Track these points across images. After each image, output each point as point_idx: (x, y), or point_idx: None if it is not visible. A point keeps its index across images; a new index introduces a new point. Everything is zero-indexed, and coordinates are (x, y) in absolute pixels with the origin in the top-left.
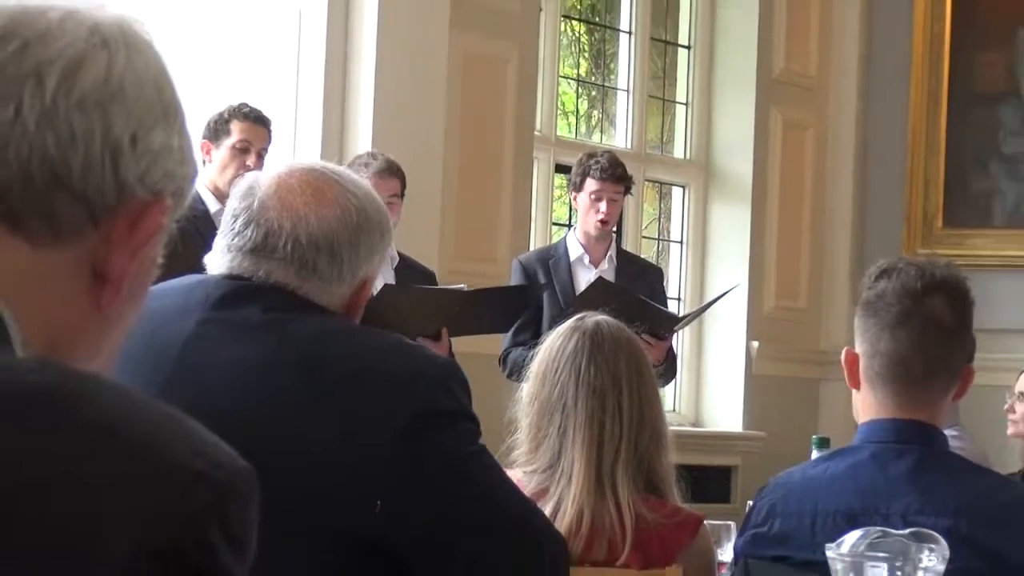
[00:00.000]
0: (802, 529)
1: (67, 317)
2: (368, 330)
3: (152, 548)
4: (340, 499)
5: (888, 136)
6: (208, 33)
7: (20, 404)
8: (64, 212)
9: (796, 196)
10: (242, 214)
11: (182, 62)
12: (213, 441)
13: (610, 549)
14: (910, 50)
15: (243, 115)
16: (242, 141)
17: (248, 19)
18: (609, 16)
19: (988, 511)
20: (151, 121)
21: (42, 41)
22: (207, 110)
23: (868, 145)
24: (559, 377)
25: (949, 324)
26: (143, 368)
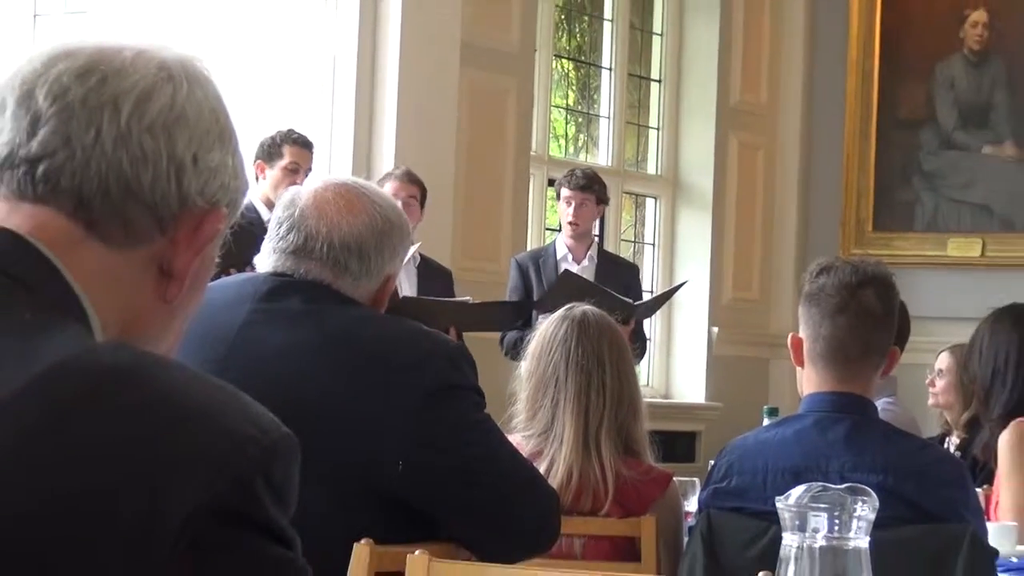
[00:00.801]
0: (755, 484)
1: (138, 307)
2: (392, 318)
3: (208, 500)
4: (369, 459)
5: (827, 155)
6: (259, 72)
7: (99, 380)
8: (136, 219)
9: (749, 206)
10: (285, 221)
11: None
12: (260, 410)
13: (595, 501)
14: (845, 83)
15: (293, 140)
16: (292, 163)
17: (292, 62)
18: (593, 55)
19: (909, 469)
20: (209, 143)
21: (118, 76)
22: (259, 134)
23: (810, 163)
24: (552, 357)
25: (879, 312)
26: (202, 350)
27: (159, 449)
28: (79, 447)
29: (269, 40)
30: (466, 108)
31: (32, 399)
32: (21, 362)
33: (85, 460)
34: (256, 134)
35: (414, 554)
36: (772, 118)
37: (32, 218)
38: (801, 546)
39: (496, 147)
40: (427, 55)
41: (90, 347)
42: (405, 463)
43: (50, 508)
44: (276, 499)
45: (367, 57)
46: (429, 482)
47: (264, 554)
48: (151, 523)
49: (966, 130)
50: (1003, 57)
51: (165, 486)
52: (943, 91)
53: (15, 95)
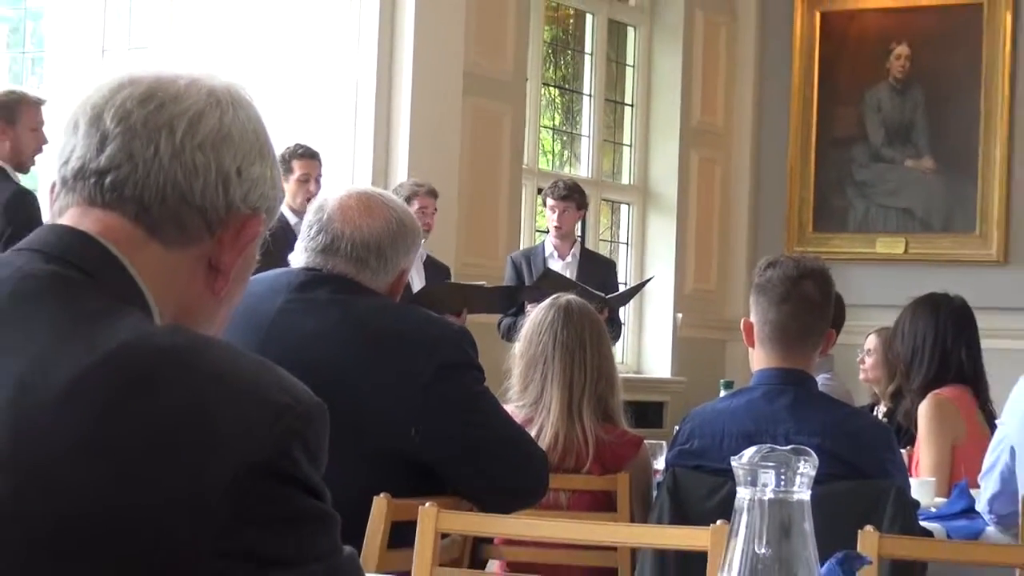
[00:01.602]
0: (714, 446)
1: (190, 298)
2: (406, 306)
3: (251, 460)
4: (387, 425)
5: (773, 168)
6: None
7: (160, 358)
8: (189, 223)
9: (708, 211)
10: (315, 224)
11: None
12: (295, 382)
13: (577, 461)
14: (789, 106)
15: (299, 155)
16: (303, 174)
17: (321, 87)
18: (575, 83)
19: (844, 433)
20: (251, 158)
21: (174, 101)
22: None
23: (759, 175)
24: (541, 339)
25: (817, 301)
26: (244, 333)
27: (211, 416)
28: (143, 416)
29: (301, 69)
30: (468, 129)
31: (102, 375)
32: (92, 343)
33: (149, 427)
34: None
35: (424, 506)
36: (727, 137)
37: (101, 222)
38: (753, 498)
39: (493, 161)
40: (435, 83)
41: (151, 330)
42: (417, 429)
43: (121, 468)
44: (310, 458)
45: (384, 84)
46: (437, 445)
47: (300, 505)
48: (205, 478)
49: (891, 146)
50: (922, 84)
51: (216, 448)
52: (872, 113)
53: (86, 117)
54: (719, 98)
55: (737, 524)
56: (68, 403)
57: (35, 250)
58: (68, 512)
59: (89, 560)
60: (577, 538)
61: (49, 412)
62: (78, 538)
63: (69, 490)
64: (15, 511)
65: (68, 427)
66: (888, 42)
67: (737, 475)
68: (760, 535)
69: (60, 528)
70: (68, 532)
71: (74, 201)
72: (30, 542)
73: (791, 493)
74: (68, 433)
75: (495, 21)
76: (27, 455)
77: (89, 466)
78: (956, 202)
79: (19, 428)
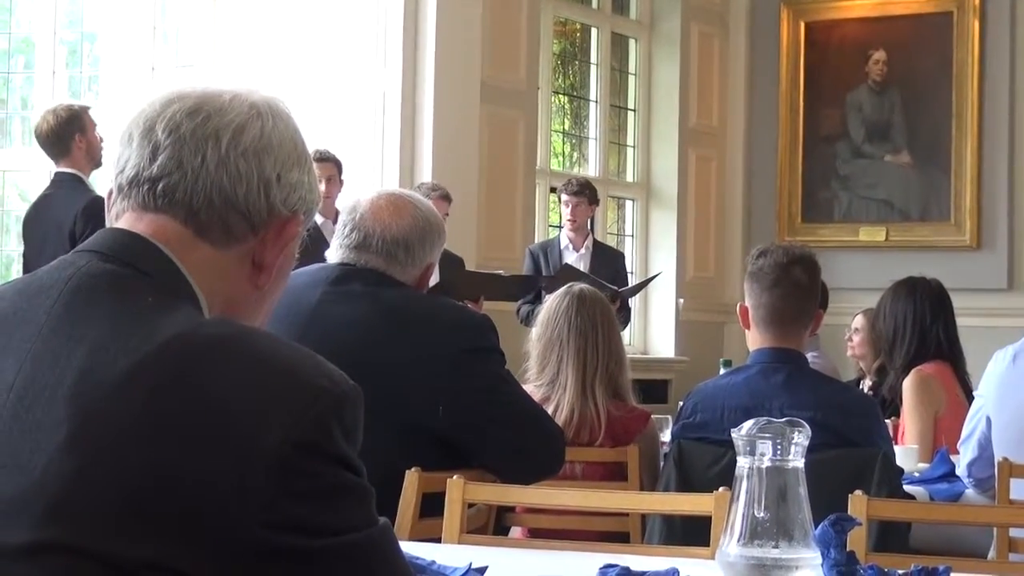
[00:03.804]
0: (715, 420)
1: (236, 293)
2: (432, 297)
3: (294, 437)
4: (416, 405)
5: (764, 165)
6: (325, 107)
7: (210, 346)
8: (234, 224)
9: (705, 204)
10: (348, 223)
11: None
12: (332, 367)
13: (591, 434)
14: (777, 108)
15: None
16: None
17: (350, 98)
18: (583, 91)
19: (834, 406)
20: (290, 165)
21: (219, 114)
22: None
23: (751, 171)
24: (557, 324)
25: (806, 285)
26: (286, 323)
27: (256, 397)
28: (194, 397)
29: (333, 82)
30: (486, 134)
31: (157, 363)
32: (147, 334)
33: (200, 407)
34: None
35: (452, 478)
36: (722, 137)
37: (154, 224)
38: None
39: (509, 163)
40: (455, 93)
41: (201, 322)
42: (444, 408)
43: (175, 446)
44: (346, 436)
45: (409, 94)
46: (463, 422)
47: (338, 478)
48: (251, 455)
49: (872, 143)
50: (899, 86)
51: (262, 426)
52: (853, 113)
53: (139, 130)
54: (714, 102)
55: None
56: (127, 388)
57: (94, 251)
58: (128, 487)
59: (147, 534)
60: (591, 506)
61: (110, 397)
62: (137, 512)
63: (128, 468)
64: (79, 488)
65: (127, 409)
66: (867, 48)
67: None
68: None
69: (121, 503)
70: (129, 507)
71: (129, 206)
72: (94, 517)
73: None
74: (127, 415)
75: (509, 36)
76: (90, 438)
77: (146, 445)
78: (932, 193)
79: (82, 413)
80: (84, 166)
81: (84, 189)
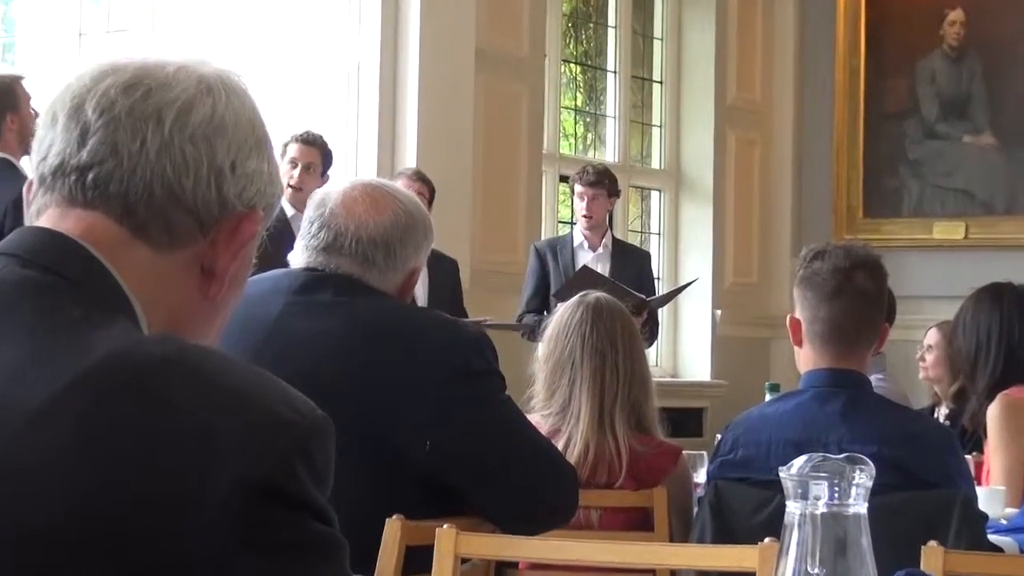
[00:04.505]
0: (760, 456)
1: (182, 305)
2: (418, 308)
3: (250, 479)
4: (397, 439)
5: (818, 147)
6: (288, 80)
7: (149, 369)
8: (179, 223)
9: (747, 196)
10: (316, 220)
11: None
12: (297, 395)
13: (610, 475)
14: (833, 79)
15: (295, 139)
16: (292, 159)
17: (319, 69)
18: (598, 59)
19: (903, 439)
20: (246, 151)
21: (161, 89)
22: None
23: (802, 155)
24: (569, 341)
25: (872, 293)
26: (242, 340)
27: (206, 432)
28: (131, 431)
29: (297, 49)
30: (482, 111)
31: (86, 389)
32: (74, 355)
33: (137, 443)
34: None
35: (442, 528)
36: (767, 114)
37: (82, 222)
38: (804, 513)
39: (510, 147)
40: (444, 63)
41: (139, 339)
42: (431, 442)
43: (108, 489)
44: (315, 478)
45: (389, 65)
46: (455, 460)
47: (304, 529)
48: (200, 500)
49: (947, 121)
50: (979, 52)
51: (211, 466)
52: (925, 85)
53: (66, 109)
54: (757, 72)
55: (787, 541)
56: (48, 421)
57: (10, 255)
58: (49, 540)
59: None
60: (611, 561)
61: (26, 430)
62: (60, 570)
63: (50, 517)
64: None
65: (45, 443)
66: (941, 7)
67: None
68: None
69: (35, 541)
70: (44, 546)
71: (53, 201)
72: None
73: (846, 506)
74: (46, 454)
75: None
76: (2, 482)
77: (70, 491)
78: (1020, 181)
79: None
80: (16, 149)
81: (16, 176)
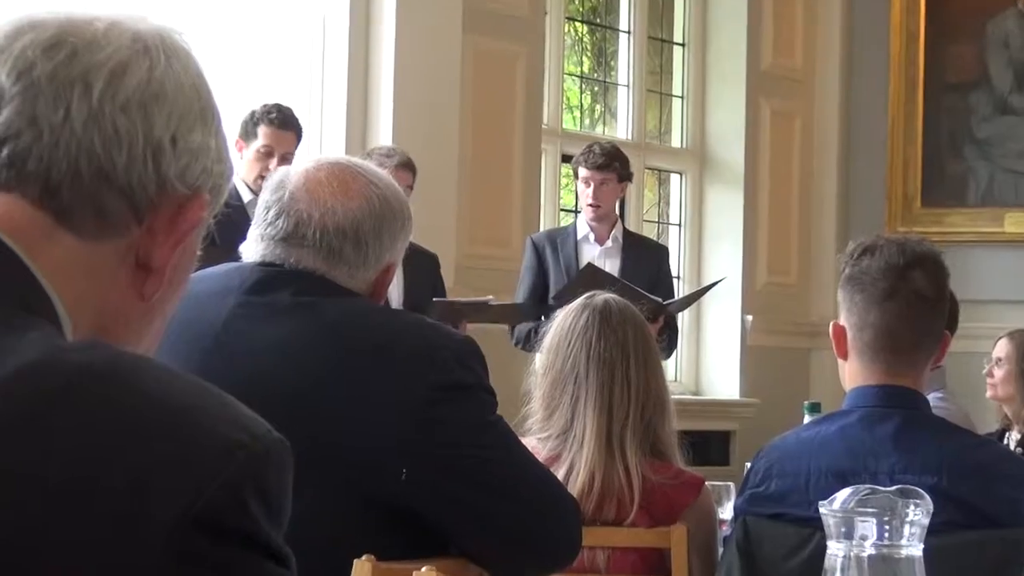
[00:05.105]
0: (797, 488)
1: (113, 304)
2: (391, 310)
3: (194, 511)
4: (368, 465)
5: (869, 123)
6: (239, 38)
7: (73, 381)
8: (109, 206)
9: (785, 180)
10: (274, 206)
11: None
12: (249, 414)
13: (619, 509)
14: (888, 43)
15: (269, 120)
16: (265, 146)
17: (277, 25)
18: (609, 17)
19: (966, 469)
20: (190, 122)
21: (89, 49)
22: (240, 110)
23: (851, 132)
24: (572, 350)
25: (931, 296)
26: (184, 348)
27: (139, 455)
28: (50, 454)
29: (252, 5)
30: (470, 78)
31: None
32: None
33: (57, 468)
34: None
35: (420, 571)
36: (808, 83)
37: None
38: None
39: (504, 120)
40: (427, 19)
41: (61, 346)
42: (409, 470)
43: (18, 537)
44: (268, 511)
45: (360, 20)
46: (435, 491)
47: (256, 572)
48: (132, 535)
49: (1022, 93)
50: None
51: (145, 495)
52: (996, 50)
53: None
54: (797, 33)
55: None
56: None
57: None
58: None
59: None
60: None
61: None
62: None
63: None
64: None
65: None
66: None
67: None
68: None
69: None
70: None
71: None
72: None
73: (898, 548)
74: None
75: None
76: None
77: None
78: None
79: None
80: None
81: None
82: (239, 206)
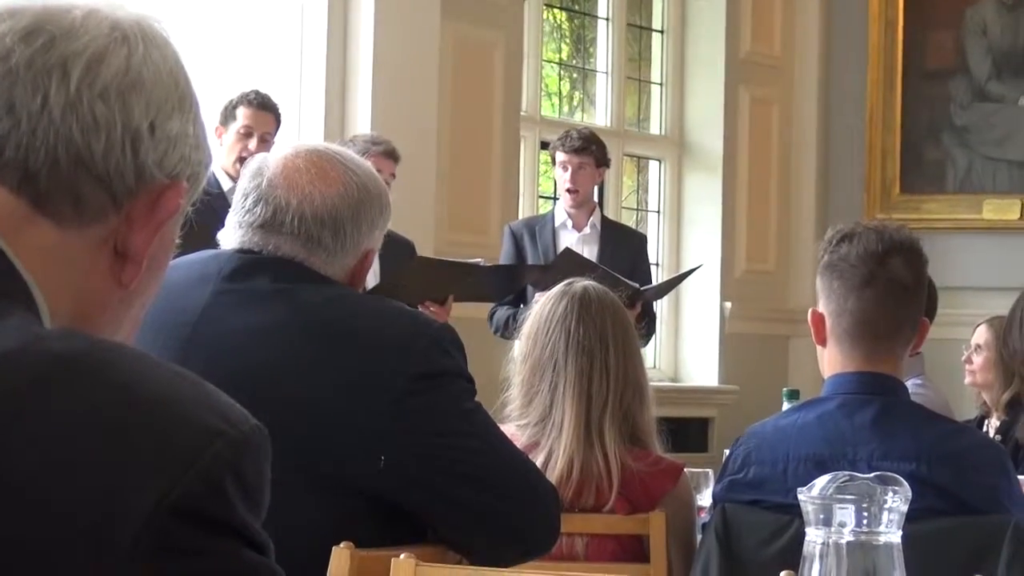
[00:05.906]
0: (775, 475)
1: (91, 292)
2: (370, 297)
3: (172, 499)
4: (345, 454)
5: (848, 110)
6: (217, 26)
7: (50, 369)
8: (87, 194)
9: (763, 167)
10: (252, 192)
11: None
12: (227, 401)
13: (598, 496)
14: (866, 30)
15: (248, 102)
16: (245, 127)
17: (255, 12)
18: (588, 4)
19: (945, 456)
20: (168, 110)
21: (67, 37)
22: (219, 98)
23: (829, 119)
24: (550, 337)
25: (909, 283)
26: (163, 335)
27: (116, 443)
28: (28, 443)
29: None
30: (449, 64)
31: None
32: None
33: (35, 457)
34: (216, 97)
35: (399, 558)
36: (787, 70)
37: None
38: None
39: (482, 107)
40: (405, 6)
41: (38, 334)
42: (387, 458)
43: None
44: (247, 498)
45: (339, 7)
46: (414, 479)
47: (234, 559)
48: (109, 524)
49: (1001, 80)
50: None
51: (123, 483)
52: (975, 38)
53: None
54: (775, 22)
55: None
56: None
57: None
58: None
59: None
60: None
61: None
62: None
63: None
64: None
65: None
66: None
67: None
68: None
69: None
70: None
71: None
72: None
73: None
74: None
75: None
76: None
77: None
78: None
79: None
80: None
81: None
82: (219, 194)
